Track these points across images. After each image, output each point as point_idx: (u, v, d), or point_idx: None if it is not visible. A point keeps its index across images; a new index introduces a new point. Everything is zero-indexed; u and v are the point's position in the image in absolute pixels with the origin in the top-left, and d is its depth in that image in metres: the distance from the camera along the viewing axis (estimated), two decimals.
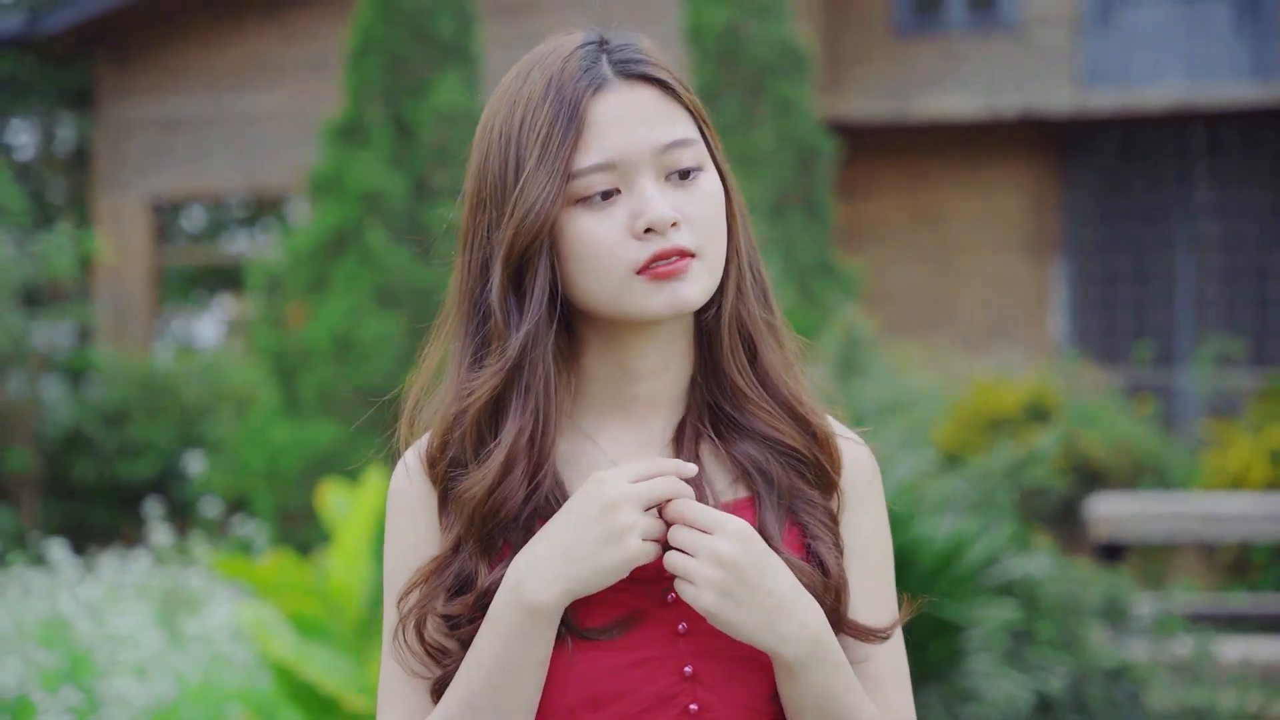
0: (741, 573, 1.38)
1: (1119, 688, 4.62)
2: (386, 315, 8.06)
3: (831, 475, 1.50)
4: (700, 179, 1.45)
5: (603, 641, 1.42)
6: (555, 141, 1.42)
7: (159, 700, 4.77)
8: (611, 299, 1.43)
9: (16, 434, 10.47)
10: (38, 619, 5.43)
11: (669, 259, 1.41)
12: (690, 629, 1.44)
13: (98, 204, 12.78)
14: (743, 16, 8.16)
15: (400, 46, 8.27)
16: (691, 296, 1.42)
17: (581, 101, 1.42)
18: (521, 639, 1.38)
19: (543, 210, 1.41)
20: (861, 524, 1.52)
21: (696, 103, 1.49)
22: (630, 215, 1.42)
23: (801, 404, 1.51)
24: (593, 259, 1.42)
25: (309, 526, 7.72)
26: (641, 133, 1.43)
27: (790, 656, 1.39)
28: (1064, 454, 8.36)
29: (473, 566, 1.44)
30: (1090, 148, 12.25)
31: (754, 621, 1.38)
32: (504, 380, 1.44)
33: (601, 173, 1.42)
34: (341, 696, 4.35)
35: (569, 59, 1.46)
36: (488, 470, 1.43)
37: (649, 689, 1.42)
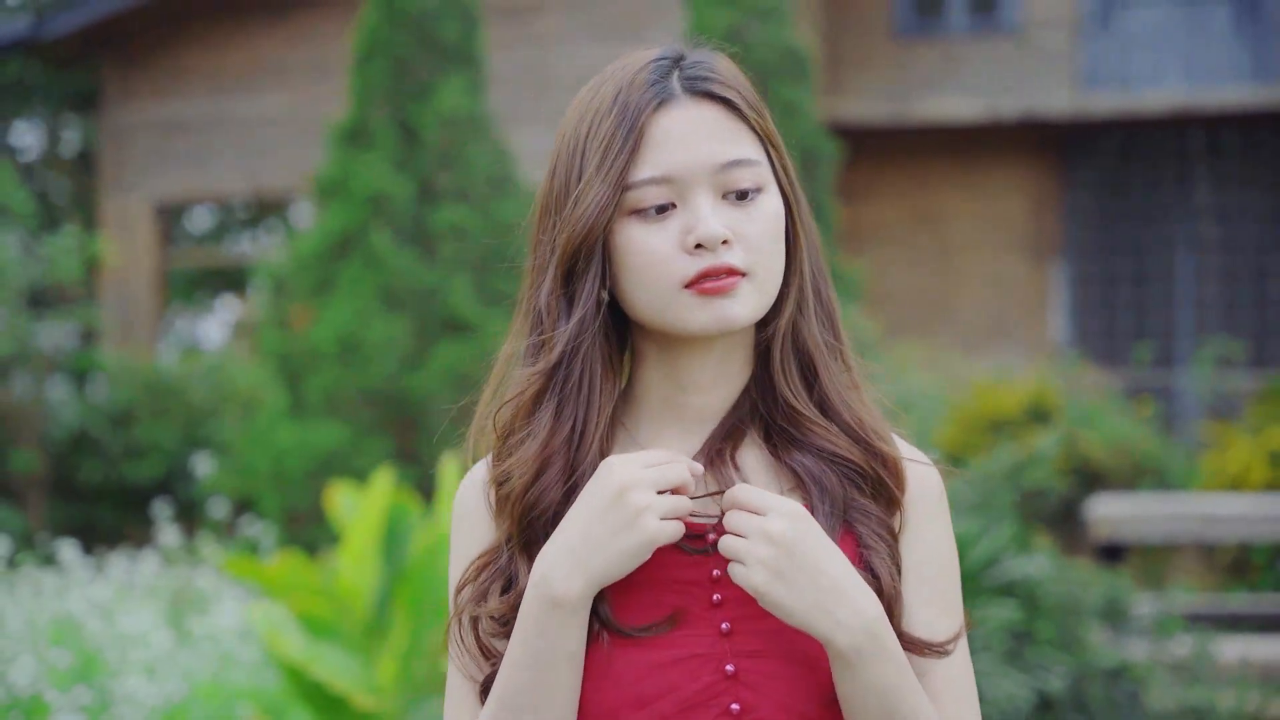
0: (792, 551, 1.38)
1: (1119, 687, 4.63)
2: (392, 317, 8.09)
3: (894, 492, 1.49)
4: (759, 200, 1.45)
5: (645, 641, 1.42)
6: (614, 152, 1.43)
7: (169, 699, 4.81)
8: (658, 311, 1.44)
9: (23, 435, 10.51)
10: (49, 619, 5.47)
11: (717, 276, 1.42)
12: (734, 629, 1.44)
13: (103, 206, 12.81)
14: (744, 20, 8.19)
15: (405, 50, 8.30)
16: (737, 315, 1.43)
17: (643, 114, 1.43)
18: (550, 633, 1.39)
19: (595, 218, 1.43)
20: (924, 540, 1.50)
21: (765, 125, 1.49)
22: (683, 230, 1.42)
23: (863, 426, 1.50)
24: (643, 270, 1.43)
25: (315, 527, 7.76)
26: (700, 149, 1.43)
27: (845, 644, 1.37)
28: (1064, 455, 8.38)
29: (514, 567, 1.45)
30: (1090, 150, 12.26)
31: (805, 603, 1.37)
32: (546, 380, 1.46)
33: (657, 186, 1.43)
34: (350, 696, 4.39)
35: (639, 72, 1.47)
36: (525, 466, 1.45)
37: (690, 687, 1.42)
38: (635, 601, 1.44)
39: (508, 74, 10.95)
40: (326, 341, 8.03)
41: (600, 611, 1.43)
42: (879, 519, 1.48)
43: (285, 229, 16.04)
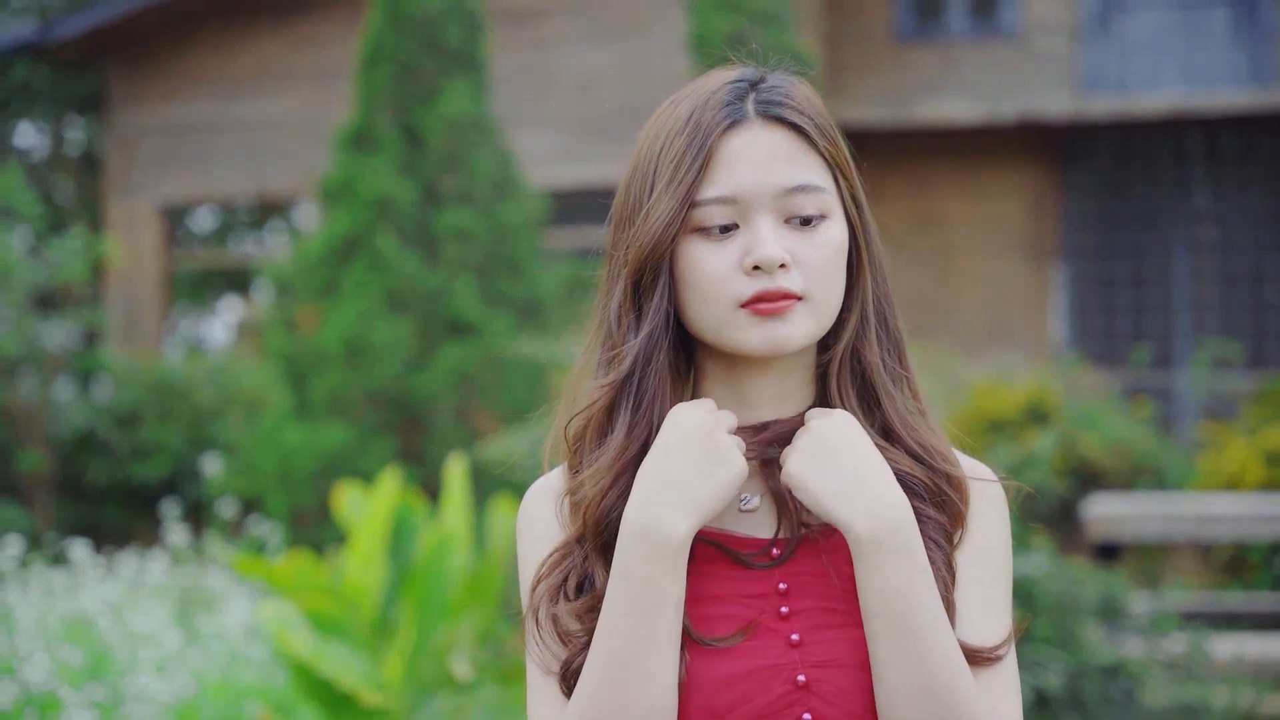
0: (825, 439, 1.43)
1: (1115, 685, 4.64)
2: (396, 320, 8.14)
3: (958, 506, 1.49)
4: (822, 227, 1.47)
5: (719, 653, 1.44)
6: (684, 170, 1.45)
7: (179, 697, 4.85)
8: (715, 329, 1.47)
9: (30, 435, 10.56)
10: (60, 617, 5.52)
11: (772, 299, 1.44)
12: (803, 640, 1.45)
13: (109, 208, 12.86)
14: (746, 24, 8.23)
15: (410, 55, 8.35)
16: (790, 336, 1.45)
17: (714, 134, 1.45)
18: (656, 581, 1.40)
19: (662, 233, 1.45)
20: (977, 545, 1.50)
21: (836, 153, 1.50)
22: (743, 251, 1.45)
23: (928, 450, 1.51)
24: (703, 287, 1.46)
25: (321, 527, 7.81)
26: (766, 173, 1.45)
27: (864, 530, 1.40)
28: (1063, 455, 8.42)
29: (592, 568, 1.47)
30: (1089, 153, 12.27)
31: (830, 486, 1.41)
32: (616, 392, 1.49)
33: (721, 206, 1.45)
34: (357, 692, 4.43)
35: (716, 92, 1.48)
36: (599, 476, 1.47)
37: (763, 698, 1.43)
38: (706, 616, 1.46)
39: (511, 77, 11.00)
40: (332, 343, 8.08)
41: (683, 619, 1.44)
42: (937, 524, 1.48)
43: (289, 230, 16.09)
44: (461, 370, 8.11)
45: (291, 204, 13.50)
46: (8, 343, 10.02)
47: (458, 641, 4.76)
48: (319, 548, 7.51)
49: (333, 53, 11.94)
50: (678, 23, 10.12)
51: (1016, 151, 12.26)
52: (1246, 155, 12.08)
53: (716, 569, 1.48)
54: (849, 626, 1.45)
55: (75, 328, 11.99)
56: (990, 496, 1.53)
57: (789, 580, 1.47)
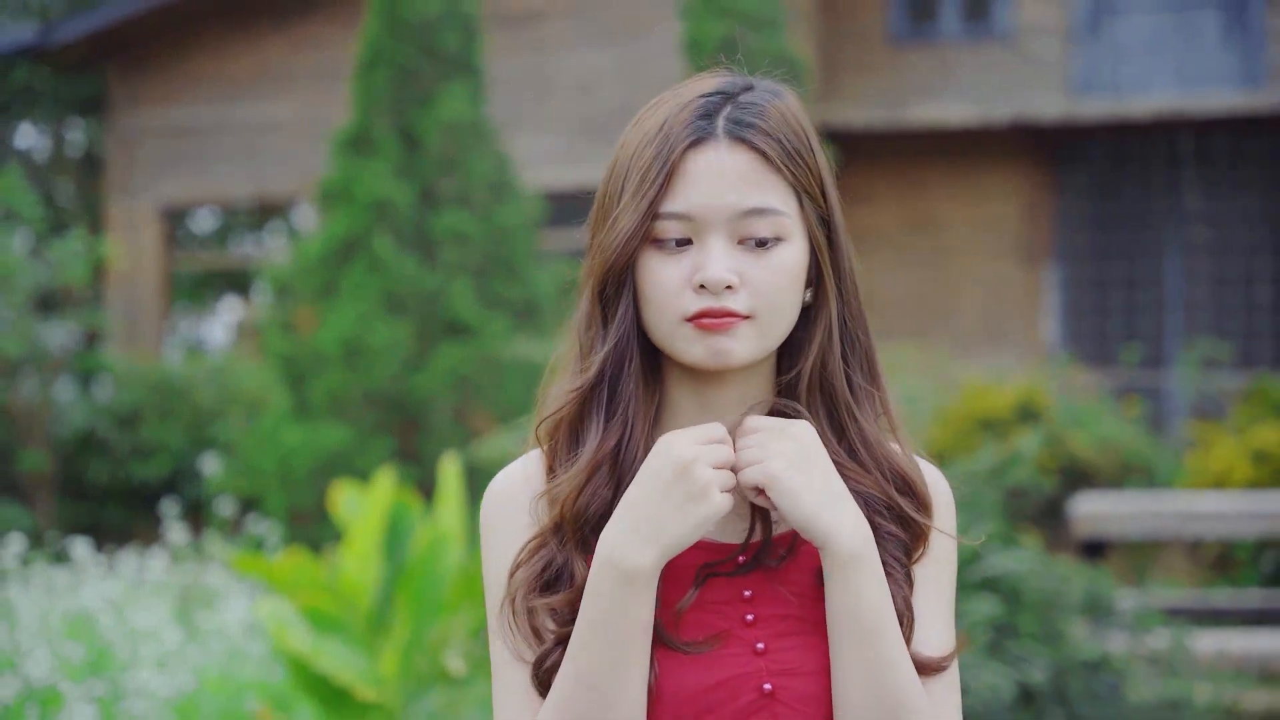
0: (807, 449, 1.44)
1: (1098, 679, 4.69)
2: (394, 321, 8.20)
3: (921, 526, 1.51)
4: (777, 250, 1.48)
5: (689, 661, 1.46)
6: (648, 184, 1.47)
7: (179, 692, 4.92)
8: (665, 338, 1.49)
9: (32, 435, 10.63)
10: (62, 614, 5.59)
11: (715, 316, 1.46)
12: (768, 647, 1.47)
13: (109, 210, 12.93)
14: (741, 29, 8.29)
15: (407, 59, 8.41)
16: (733, 351, 1.47)
17: (677, 150, 1.46)
18: (622, 606, 1.41)
19: (625, 245, 1.47)
20: (934, 554, 1.53)
21: (804, 176, 1.50)
22: (694, 268, 1.46)
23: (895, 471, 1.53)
24: (654, 298, 1.48)
25: (319, 525, 7.87)
26: (723, 194, 1.46)
27: (845, 545, 1.43)
28: (1053, 454, 8.48)
29: (571, 560, 1.48)
30: (1081, 155, 12.29)
31: (816, 496, 1.43)
32: (585, 398, 1.51)
33: (678, 221, 1.47)
34: (353, 688, 4.48)
35: (688, 105, 1.49)
36: (575, 474, 1.49)
37: (731, 706, 1.45)
38: (678, 622, 1.47)
39: (510, 79, 11.06)
40: (330, 344, 8.14)
41: (656, 624, 1.46)
42: (899, 541, 1.51)
43: (288, 232, 16.15)
44: (459, 371, 8.18)
45: (291, 205, 13.57)
46: (9, 343, 10.08)
47: (451, 637, 4.81)
48: (317, 546, 7.57)
49: (332, 55, 12.00)
50: (675, 25, 10.17)
51: (1010, 153, 12.29)
52: (1238, 157, 12.12)
53: (680, 575, 1.48)
54: (808, 634, 1.48)
55: (76, 328, 12.05)
56: (945, 508, 1.55)
57: (753, 587, 1.49)
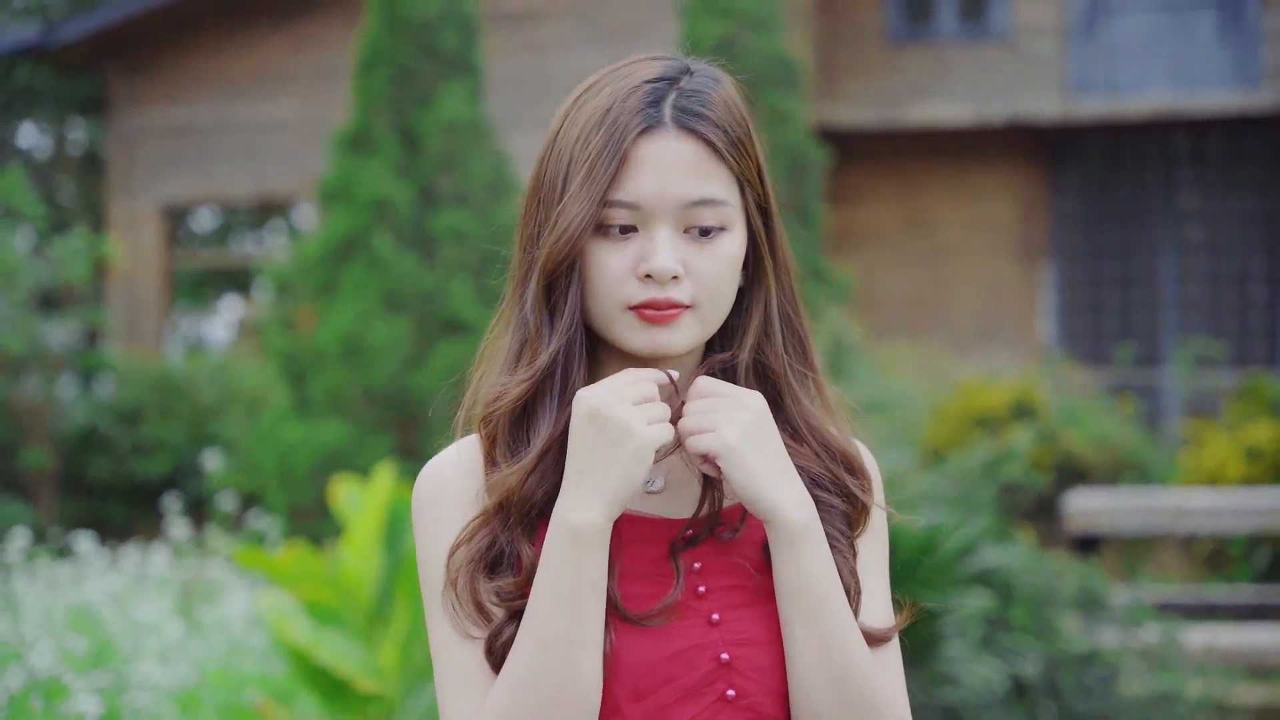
0: (761, 420, 1.45)
1: (1090, 673, 4.70)
2: (394, 319, 8.25)
3: (862, 502, 1.53)
4: (720, 239, 1.48)
5: (644, 633, 1.46)
6: (599, 170, 1.45)
7: (181, 684, 4.98)
8: (604, 325, 1.49)
9: (34, 432, 10.68)
10: (66, 608, 5.66)
11: (660, 307, 1.46)
12: (722, 618, 1.48)
13: (111, 209, 12.98)
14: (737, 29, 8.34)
15: (406, 59, 8.46)
16: (674, 342, 1.47)
17: (628, 138, 1.45)
18: (575, 565, 1.41)
19: (576, 232, 1.46)
20: (873, 528, 1.55)
21: (745, 164, 1.50)
22: (638, 256, 1.46)
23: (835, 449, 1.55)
24: (597, 285, 1.48)
25: (319, 521, 7.93)
26: (671, 184, 1.46)
27: (793, 518, 1.44)
28: (1048, 452, 8.54)
29: (516, 542, 1.48)
30: (1077, 154, 12.34)
31: (767, 468, 1.44)
32: (533, 388, 1.49)
33: (625, 209, 1.46)
34: (353, 679, 4.53)
35: (634, 91, 1.48)
36: (524, 463, 1.48)
37: (689, 677, 1.45)
38: (630, 595, 1.47)
39: (508, 80, 11.12)
40: (330, 342, 8.19)
41: (612, 594, 1.46)
42: (842, 514, 1.52)
43: (288, 230, 16.21)
44: (457, 369, 8.19)
45: (291, 204, 13.62)
46: (12, 341, 10.13)
47: None
48: (317, 541, 7.62)
49: (332, 55, 12.05)
50: (673, 26, 10.23)
51: (1006, 153, 12.34)
52: (1233, 156, 12.16)
53: (632, 549, 1.49)
54: (758, 604, 1.49)
55: (78, 327, 12.11)
56: (877, 485, 1.57)
57: (702, 559, 1.50)
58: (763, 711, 1.47)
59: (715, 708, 1.46)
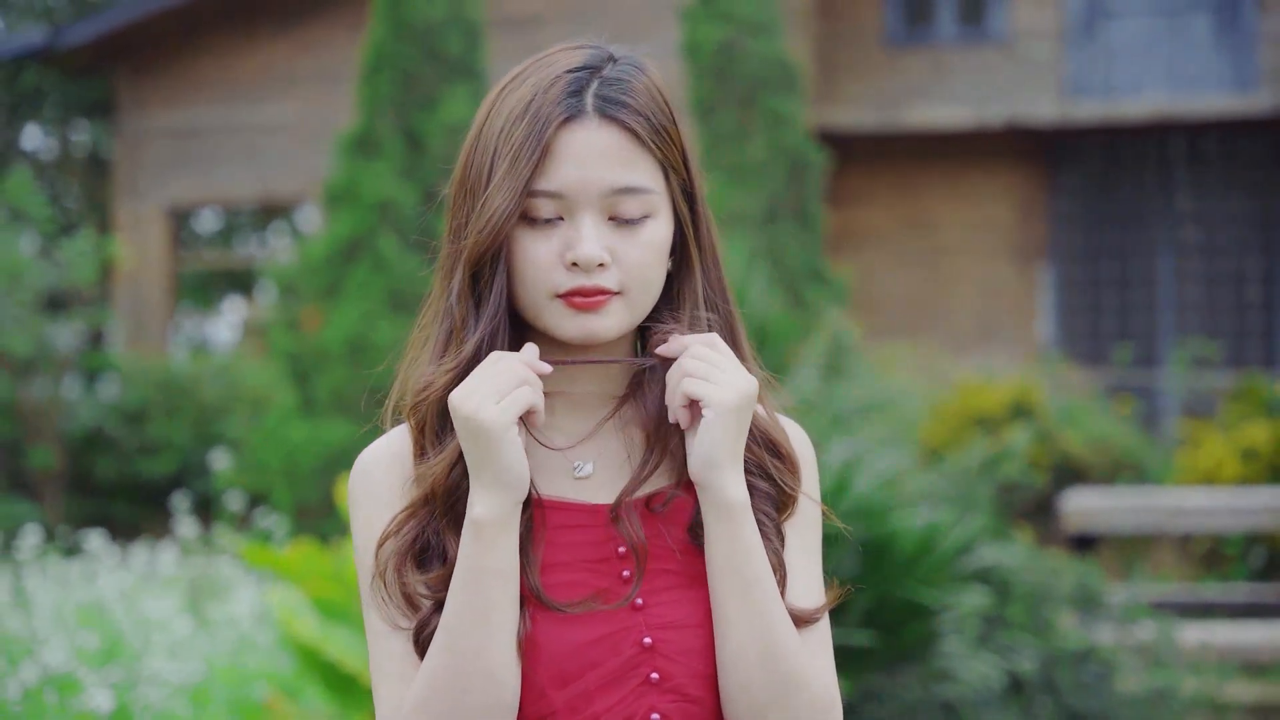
0: (753, 402, 1.47)
1: (1087, 670, 4.73)
2: (398, 319, 8.32)
3: (790, 486, 1.54)
4: (645, 226, 1.49)
5: (568, 620, 1.47)
6: (522, 160, 1.45)
7: (191, 679, 5.04)
8: (535, 314, 1.50)
9: (41, 433, 10.75)
10: (77, 605, 5.72)
11: (588, 294, 1.47)
12: (646, 603, 1.49)
13: (117, 211, 13.05)
14: (737, 34, 8.41)
15: (411, 63, 8.53)
16: (604, 328, 1.49)
17: (550, 127, 1.46)
18: (477, 556, 1.43)
19: (501, 225, 1.46)
20: (803, 508, 1.57)
21: (670, 151, 1.51)
22: (565, 245, 1.47)
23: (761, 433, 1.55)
24: (525, 274, 1.48)
25: (324, 519, 8.00)
26: (594, 173, 1.46)
27: (735, 496, 1.46)
28: (1046, 452, 8.60)
29: (443, 535, 1.49)
30: (1075, 156, 12.37)
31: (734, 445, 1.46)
32: (459, 377, 1.48)
33: (549, 199, 1.46)
34: (360, 674, 4.61)
35: (556, 81, 1.48)
36: (446, 453, 1.49)
37: (613, 661, 1.47)
38: (554, 584, 1.48)
39: None
40: (335, 342, 8.26)
41: (531, 586, 1.47)
42: (769, 496, 1.53)
43: (291, 231, 16.28)
44: None
45: (294, 206, 13.69)
46: (19, 342, 10.19)
47: None
48: (323, 538, 7.68)
49: (334, 58, 12.12)
50: (673, 30, 10.30)
51: (1004, 155, 12.38)
52: (1229, 159, 12.21)
53: (558, 536, 1.50)
54: (685, 588, 1.50)
55: (83, 328, 12.17)
56: (808, 458, 1.58)
57: (628, 543, 1.50)
58: (688, 694, 1.48)
59: (639, 691, 1.47)
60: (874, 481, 4.38)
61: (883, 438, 5.23)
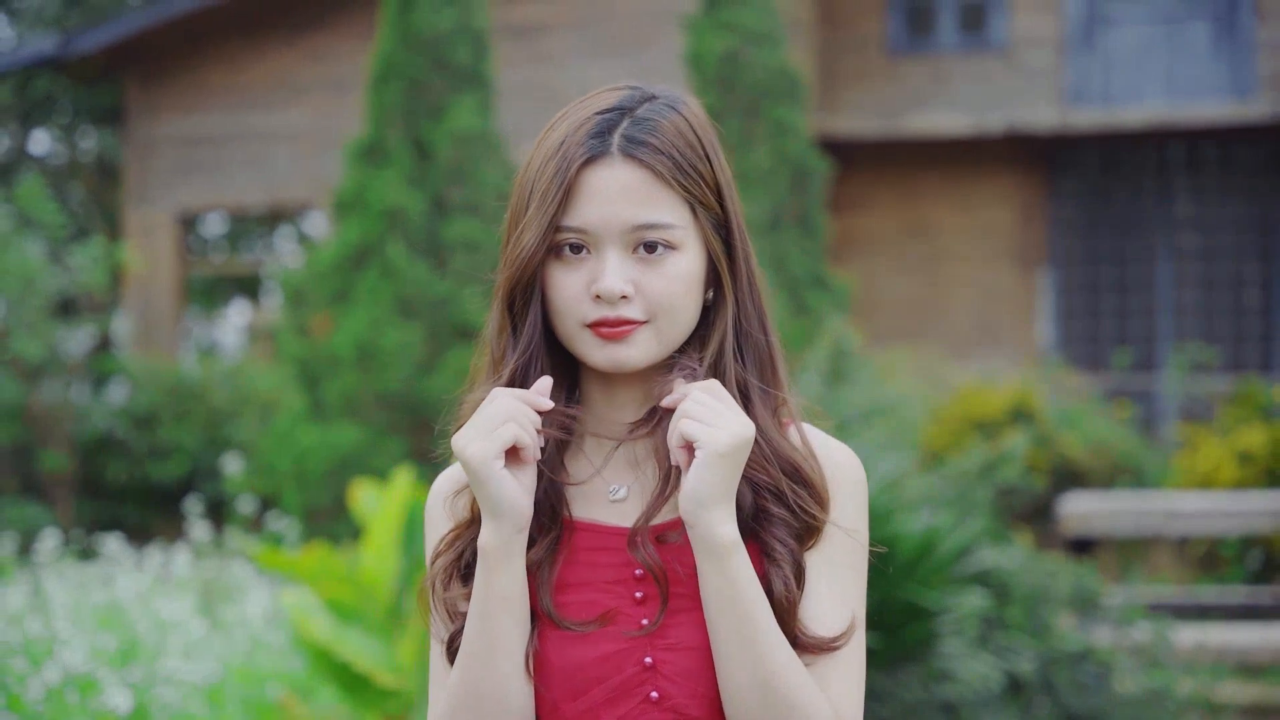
0: (747, 446, 1.49)
1: (1084, 670, 4.77)
2: (406, 325, 8.38)
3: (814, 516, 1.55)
4: (668, 258, 1.54)
5: (579, 639, 1.54)
6: (549, 198, 1.52)
7: (206, 680, 5.12)
8: (569, 343, 1.57)
9: (52, 436, 10.81)
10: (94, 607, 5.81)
11: (612, 325, 1.53)
12: (653, 624, 1.54)
13: (127, 216, 13.12)
14: (741, 44, 8.46)
15: (419, 72, 8.59)
16: (631, 358, 1.54)
17: (573, 167, 1.52)
18: (485, 581, 1.51)
19: (529, 260, 1.53)
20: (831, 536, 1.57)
21: (697, 187, 1.55)
22: (590, 278, 1.53)
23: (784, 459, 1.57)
24: (557, 306, 1.55)
25: (335, 522, 8.06)
26: (616, 210, 1.52)
27: (722, 535, 1.48)
28: (1045, 455, 8.67)
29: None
30: (1074, 163, 12.40)
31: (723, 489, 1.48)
32: None
33: (574, 234, 1.53)
34: (373, 675, 4.64)
35: (585, 122, 1.55)
36: None
37: (616, 678, 1.53)
38: (569, 602, 1.55)
39: (516, 90, 11.26)
40: (345, 348, 8.31)
41: (544, 606, 1.55)
42: (788, 526, 1.55)
43: (297, 237, 16.36)
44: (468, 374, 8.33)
45: (301, 212, 13.77)
46: (30, 347, 10.26)
47: None
48: (334, 541, 7.74)
49: (342, 66, 12.21)
50: (676, 38, 10.37)
51: (1004, 161, 12.42)
52: (1227, 165, 12.25)
53: (583, 557, 1.57)
54: (691, 610, 1.54)
55: (94, 332, 12.23)
56: (850, 484, 1.59)
57: (643, 567, 1.55)
58: (686, 714, 1.53)
59: (640, 708, 1.52)
60: (875, 485, 4.41)
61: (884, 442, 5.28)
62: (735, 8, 8.54)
